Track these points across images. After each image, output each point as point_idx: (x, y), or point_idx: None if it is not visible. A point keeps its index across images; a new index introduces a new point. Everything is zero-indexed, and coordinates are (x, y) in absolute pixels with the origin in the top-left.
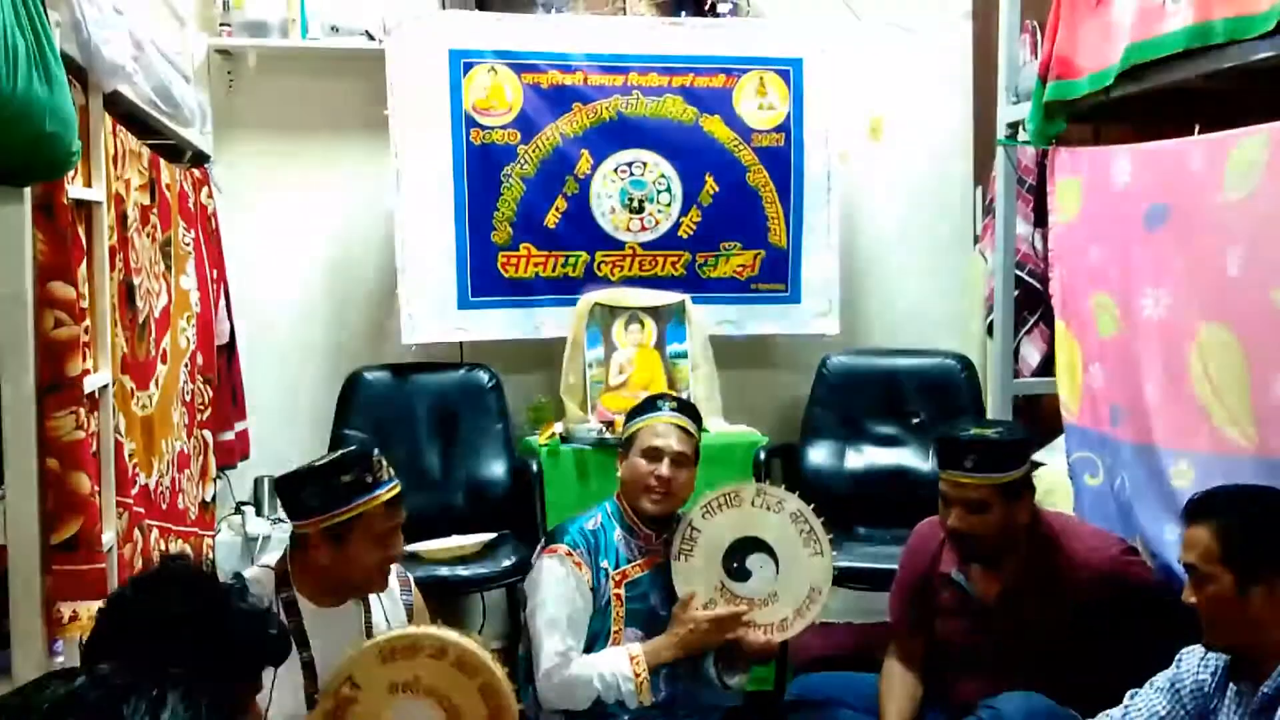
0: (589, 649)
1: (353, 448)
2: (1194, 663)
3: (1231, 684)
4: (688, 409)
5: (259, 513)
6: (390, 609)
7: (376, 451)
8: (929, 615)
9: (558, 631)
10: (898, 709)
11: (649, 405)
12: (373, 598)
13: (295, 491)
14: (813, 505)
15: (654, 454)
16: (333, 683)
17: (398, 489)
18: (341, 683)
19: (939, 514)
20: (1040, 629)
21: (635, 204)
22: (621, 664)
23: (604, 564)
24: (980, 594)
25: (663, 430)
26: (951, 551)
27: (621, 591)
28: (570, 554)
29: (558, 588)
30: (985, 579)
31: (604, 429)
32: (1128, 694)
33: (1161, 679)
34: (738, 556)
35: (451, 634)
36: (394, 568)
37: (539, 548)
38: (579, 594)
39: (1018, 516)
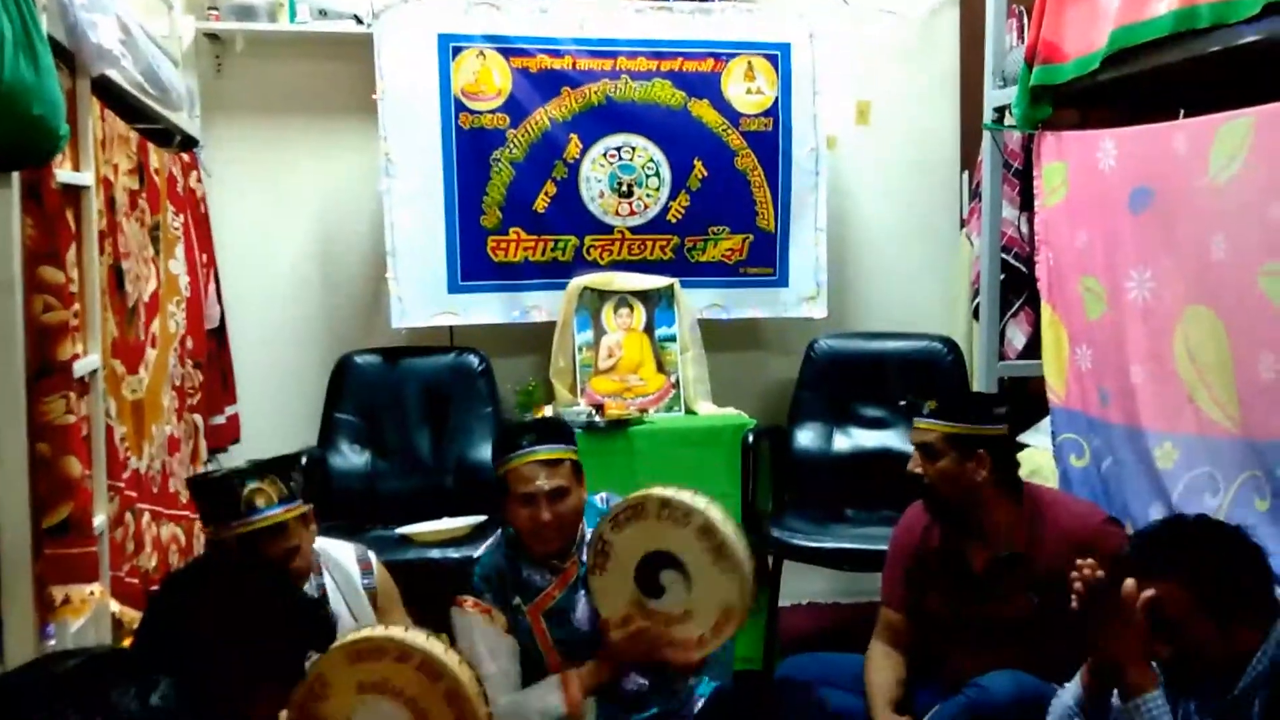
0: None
1: (229, 471)
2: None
3: (1180, 701)
4: (549, 432)
5: None
6: (350, 596)
7: (239, 483)
8: (921, 591)
9: (492, 686)
10: (885, 685)
11: (509, 444)
12: (329, 584)
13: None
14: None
15: (528, 499)
16: (305, 682)
17: (255, 525)
18: (313, 680)
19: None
20: (1025, 597)
21: (624, 188)
22: (551, 697)
23: (516, 601)
24: (968, 565)
25: (528, 473)
26: (940, 527)
27: (542, 625)
28: (477, 605)
29: (479, 645)
30: (972, 551)
31: (593, 412)
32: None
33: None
34: (651, 570)
35: (418, 638)
36: (353, 549)
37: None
38: (499, 641)
39: (971, 473)
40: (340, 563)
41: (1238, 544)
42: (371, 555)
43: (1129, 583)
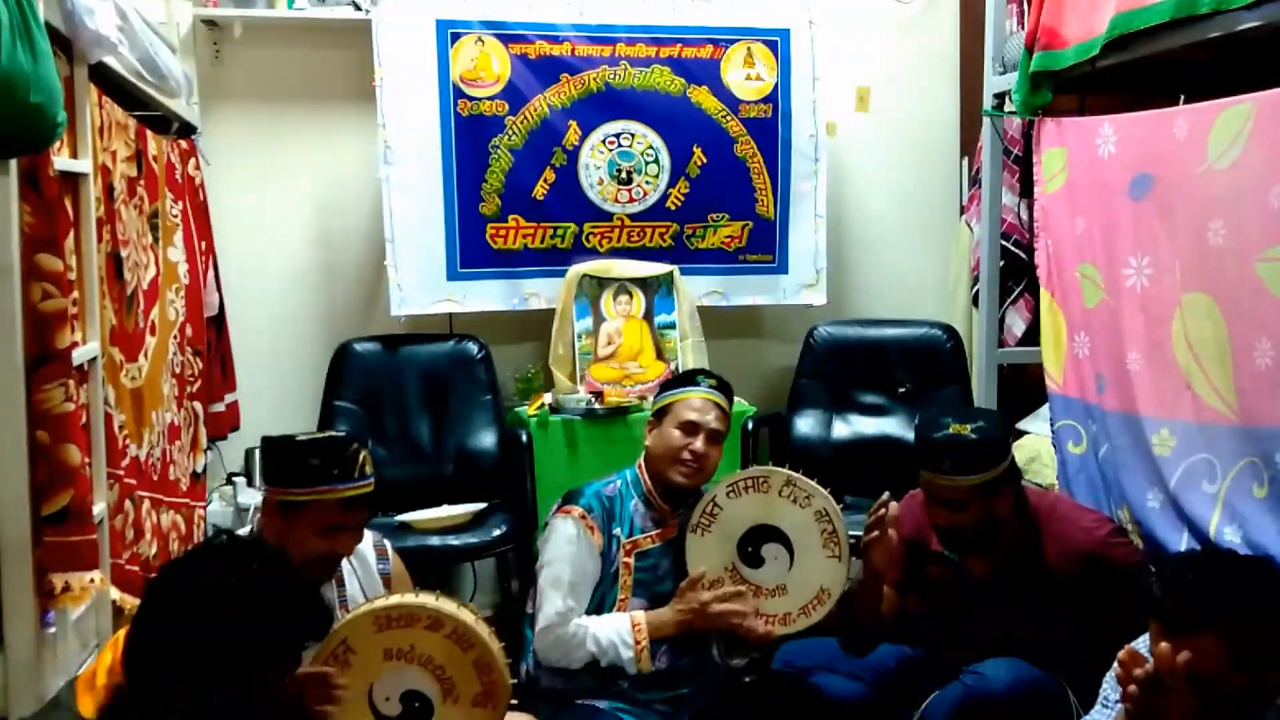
0: (596, 614)
1: (338, 435)
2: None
3: None
4: (725, 388)
5: (250, 484)
6: (365, 579)
7: (356, 447)
8: (915, 582)
9: (560, 591)
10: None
11: (687, 379)
12: (346, 568)
13: (269, 455)
14: (842, 505)
15: (690, 428)
16: (327, 644)
17: (363, 490)
18: (336, 644)
19: (929, 511)
20: (1027, 605)
21: (623, 175)
22: (623, 629)
23: (616, 531)
24: (970, 569)
25: (700, 405)
26: None
27: (631, 561)
28: (584, 517)
29: (567, 548)
30: (974, 559)
31: (593, 399)
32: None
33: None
34: (754, 541)
35: (449, 606)
36: (370, 536)
37: (554, 507)
38: (589, 557)
39: (998, 510)
40: (359, 547)
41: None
42: (387, 542)
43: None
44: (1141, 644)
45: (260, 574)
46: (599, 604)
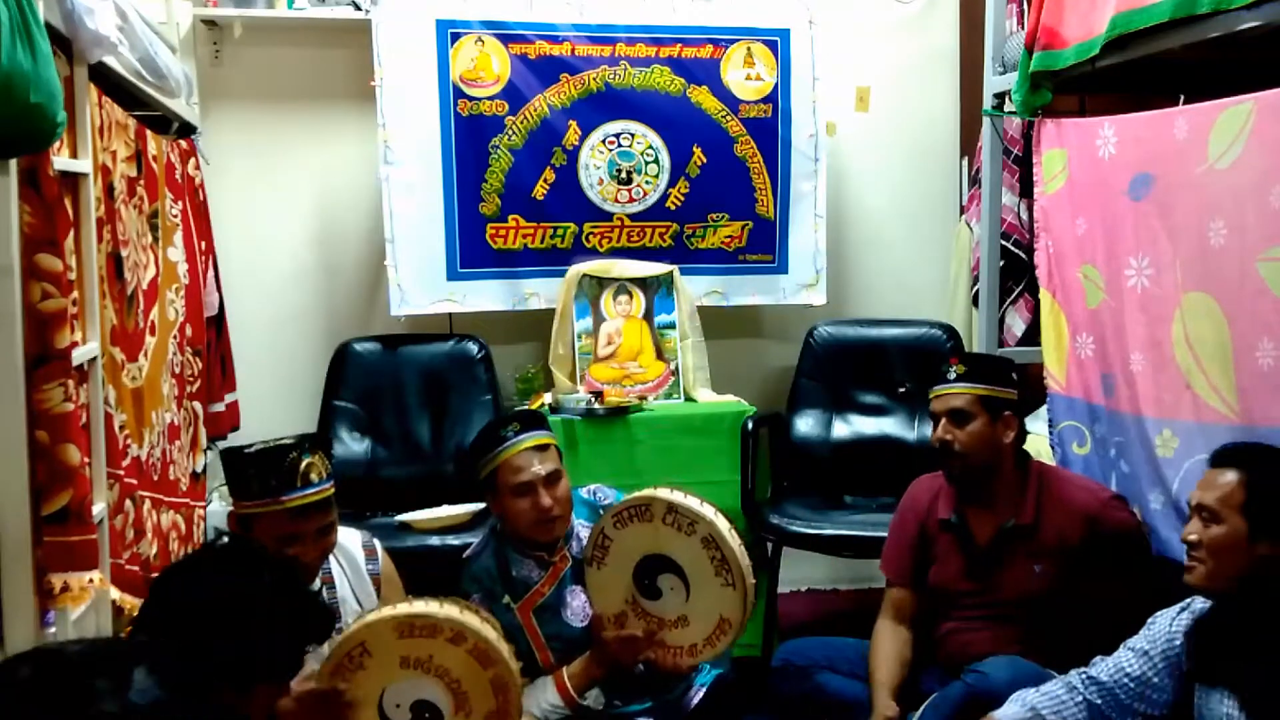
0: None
1: (283, 443)
2: (1165, 625)
3: None
4: (530, 420)
5: None
6: (355, 581)
7: (295, 456)
8: (925, 566)
9: None
10: (887, 673)
11: (493, 439)
12: (335, 569)
13: (224, 467)
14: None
15: (525, 488)
16: (343, 645)
17: (309, 499)
18: (352, 646)
19: (931, 436)
20: (1031, 567)
21: (623, 175)
22: (549, 697)
23: (506, 600)
24: (975, 535)
25: (521, 462)
26: (946, 499)
27: (532, 621)
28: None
29: None
30: (979, 521)
31: (593, 399)
32: (1096, 658)
33: (1135, 641)
34: (649, 573)
35: (473, 620)
36: (359, 536)
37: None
38: None
39: (1000, 436)
40: (346, 548)
41: None
42: (376, 542)
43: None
44: (1136, 640)
45: (263, 577)
46: (526, 669)
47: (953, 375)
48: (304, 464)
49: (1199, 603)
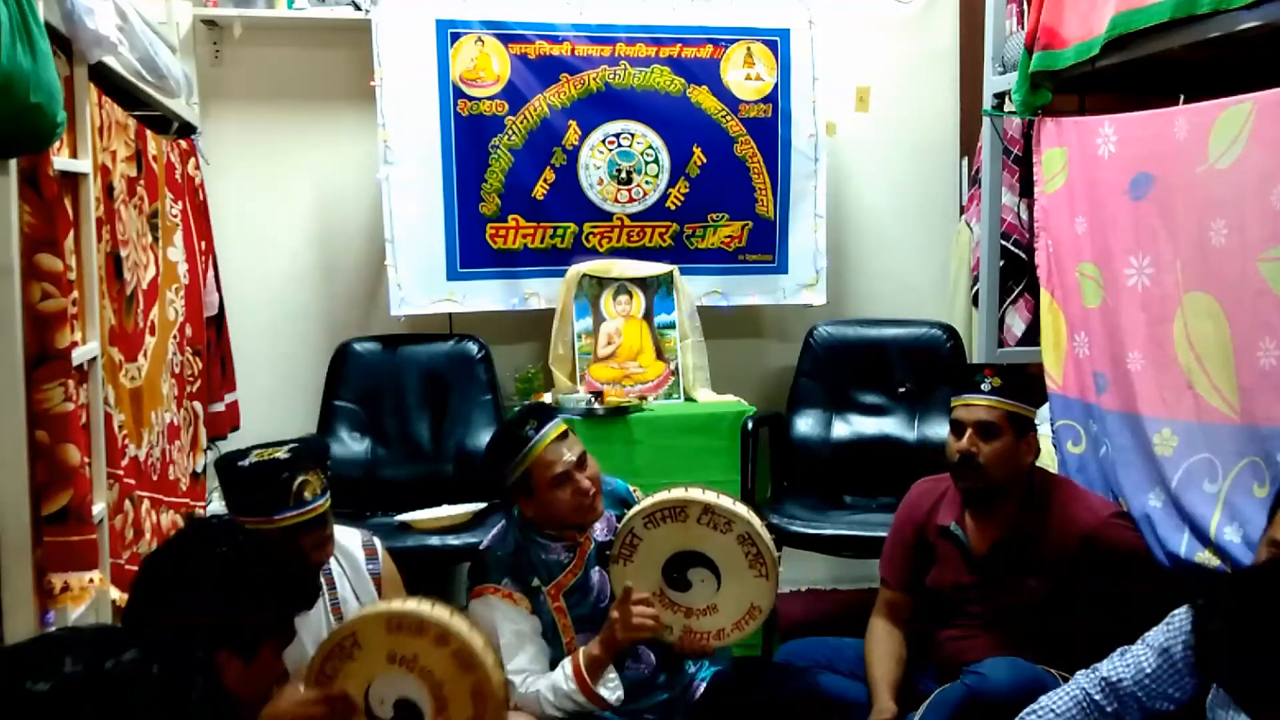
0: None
1: (278, 458)
2: (1185, 623)
3: None
4: (542, 413)
5: None
6: (356, 581)
7: (287, 476)
8: (923, 569)
9: (509, 655)
10: (884, 671)
11: (517, 441)
12: (336, 570)
13: (219, 479)
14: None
15: (562, 479)
16: (337, 633)
17: (301, 518)
18: (344, 636)
19: (948, 446)
20: (1027, 581)
21: (623, 175)
22: (563, 680)
23: (535, 583)
24: (973, 545)
25: (551, 455)
26: (948, 505)
27: (562, 604)
28: (497, 591)
29: (499, 621)
30: (979, 531)
31: (592, 399)
32: (1117, 651)
33: (1153, 636)
34: (678, 567)
35: (461, 625)
36: (359, 536)
37: (466, 590)
38: (522, 619)
39: (1022, 456)
40: (347, 548)
41: None
42: (377, 541)
43: None
44: (1155, 635)
45: (243, 545)
46: (555, 659)
47: (986, 387)
48: (297, 482)
49: None
